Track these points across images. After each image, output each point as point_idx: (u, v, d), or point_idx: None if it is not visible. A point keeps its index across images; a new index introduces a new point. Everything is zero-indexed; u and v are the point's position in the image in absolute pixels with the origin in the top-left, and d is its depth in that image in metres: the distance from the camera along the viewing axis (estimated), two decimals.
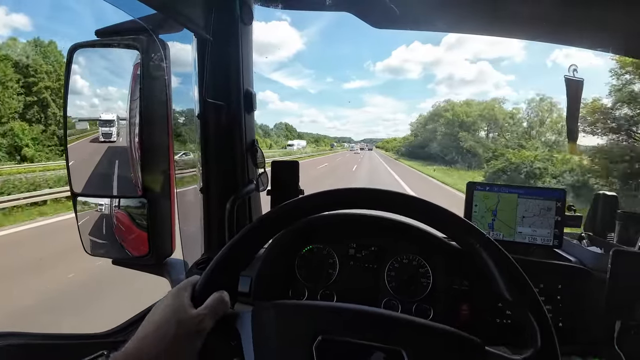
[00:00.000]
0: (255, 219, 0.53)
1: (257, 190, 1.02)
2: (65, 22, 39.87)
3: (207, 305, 0.46)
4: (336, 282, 0.88)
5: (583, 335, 0.80)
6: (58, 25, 40.19)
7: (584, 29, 1.06)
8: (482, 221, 0.91)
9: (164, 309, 0.46)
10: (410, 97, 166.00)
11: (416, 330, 0.46)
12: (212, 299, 0.47)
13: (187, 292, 0.48)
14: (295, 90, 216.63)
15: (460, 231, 0.51)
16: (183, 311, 0.45)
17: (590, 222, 0.99)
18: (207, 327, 0.45)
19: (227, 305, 0.48)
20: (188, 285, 0.49)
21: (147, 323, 0.45)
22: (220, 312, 0.47)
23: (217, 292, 0.48)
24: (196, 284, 0.49)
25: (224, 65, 0.92)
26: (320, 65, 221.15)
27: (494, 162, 17.47)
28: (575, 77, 1.00)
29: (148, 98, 0.85)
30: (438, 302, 0.82)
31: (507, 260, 0.49)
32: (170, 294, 0.48)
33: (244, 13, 0.92)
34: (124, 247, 0.98)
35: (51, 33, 38.62)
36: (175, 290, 0.48)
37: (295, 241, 0.89)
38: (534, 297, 0.48)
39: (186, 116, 1.01)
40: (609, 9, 0.94)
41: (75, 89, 0.98)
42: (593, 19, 1.00)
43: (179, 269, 0.99)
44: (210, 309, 0.46)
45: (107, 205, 0.97)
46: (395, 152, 52.57)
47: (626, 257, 0.76)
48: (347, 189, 0.52)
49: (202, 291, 0.48)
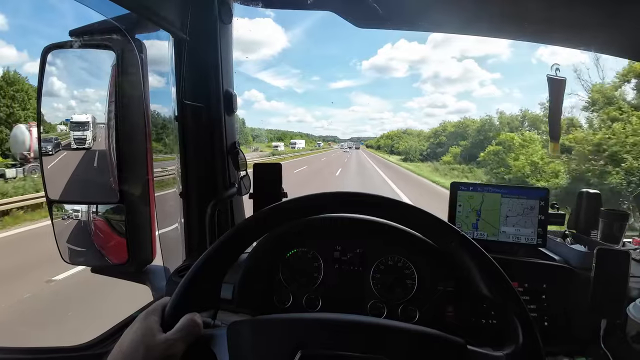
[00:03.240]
0: (231, 228, 0.51)
1: (240, 193, 1.00)
2: (42, 22, 38.92)
3: (177, 329, 0.45)
4: (321, 286, 0.86)
5: (569, 335, 0.80)
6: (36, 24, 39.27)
7: (566, 29, 1.07)
8: (466, 221, 0.90)
9: (132, 335, 0.44)
10: (397, 96, 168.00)
11: (397, 335, 0.45)
12: (182, 323, 0.45)
13: (156, 316, 0.46)
14: (282, 90, 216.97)
15: (436, 230, 0.51)
16: (151, 336, 0.44)
17: (574, 220, 0.99)
18: (178, 352, 0.44)
19: (199, 327, 0.46)
20: (158, 309, 0.47)
21: (116, 350, 0.44)
22: (192, 336, 0.45)
23: (188, 315, 0.46)
24: (166, 306, 0.47)
25: (203, 66, 0.90)
26: (307, 64, 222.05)
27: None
28: (557, 77, 1.01)
29: (124, 100, 0.82)
30: (424, 303, 0.82)
31: (483, 256, 0.49)
32: (139, 318, 0.47)
33: (222, 12, 0.89)
34: (104, 255, 0.95)
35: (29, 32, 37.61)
36: (144, 314, 0.47)
37: (278, 245, 0.87)
38: (513, 293, 0.47)
39: (166, 118, 0.98)
40: (590, 9, 0.94)
41: (52, 91, 0.95)
42: (575, 18, 1.00)
43: (160, 276, 0.96)
44: (180, 333, 0.44)
45: (85, 212, 0.94)
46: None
47: (610, 255, 0.76)
48: (321, 193, 0.52)
49: (172, 314, 0.46)
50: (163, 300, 0.48)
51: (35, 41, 34.74)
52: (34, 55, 25.69)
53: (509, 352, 0.45)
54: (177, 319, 0.46)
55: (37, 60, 0.86)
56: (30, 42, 33.88)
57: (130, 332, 0.45)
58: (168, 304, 0.47)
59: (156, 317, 0.46)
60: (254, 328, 0.47)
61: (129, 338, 0.44)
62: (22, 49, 32.68)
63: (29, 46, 32.68)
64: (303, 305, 0.84)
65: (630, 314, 0.74)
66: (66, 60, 0.97)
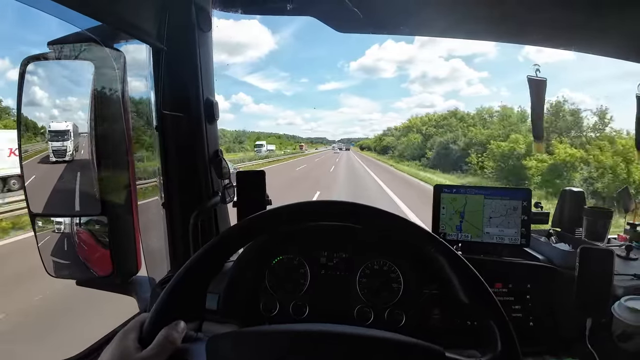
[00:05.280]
0: (215, 236, 0.51)
1: (224, 202, 0.99)
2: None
3: (154, 345, 0.44)
4: (308, 292, 0.86)
5: (554, 334, 0.80)
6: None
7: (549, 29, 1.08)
8: (450, 223, 0.90)
9: (110, 354, 0.44)
10: (385, 97, 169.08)
11: (379, 345, 0.45)
12: (158, 338, 0.45)
13: (133, 333, 0.46)
14: (271, 93, 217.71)
15: (414, 237, 0.51)
16: (128, 355, 0.43)
17: (558, 219, 0.99)
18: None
19: (176, 341, 0.45)
20: (136, 326, 0.47)
21: None
22: (168, 351, 0.44)
23: (164, 329, 0.45)
24: (144, 323, 0.47)
25: (182, 75, 0.89)
26: (295, 66, 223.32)
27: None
28: (538, 77, 1.01)
29: (104, 111, 0.81)
30: (410, 307, 0.81)
31: (460, 262, 0.49)
32: (116, 337, 0.46)
33: (201, 20, 0.89)
34: (89, 267, 0.94)
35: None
36: (122, 333, 0.46)
37: (263, 253, 0.87)
38: (489, 297, 0.47)
39: (147, 128, 0.97)
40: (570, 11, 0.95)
41: (34, 100, 0.93)
42: (557, 19, 1.01)
43: (146, 288, 0.95)
44: (157, 350, 0.44)
45: (68, 224, 0.93)
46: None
47: (593, 253, 0.76)
48: (299, 203, 0.52)
49: (150, 331, 0.46)
50: (141, 318, 0.48)
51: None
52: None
53: (487, 358, 0.45)
54: (157, 332, 0.45)
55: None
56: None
57: (108, 352, 0.45)
58: (147, 319, 0.47)
59: (134, 335, 0.45)
60: (234, 342, 0.46)
61: (106, 358, 0.44)
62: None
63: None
64: (290, 313, 0.83)
65: (615, 313, 0.74)
66: (47, 70, 0.96)
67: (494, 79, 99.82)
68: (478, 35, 1.13)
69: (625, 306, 0.73)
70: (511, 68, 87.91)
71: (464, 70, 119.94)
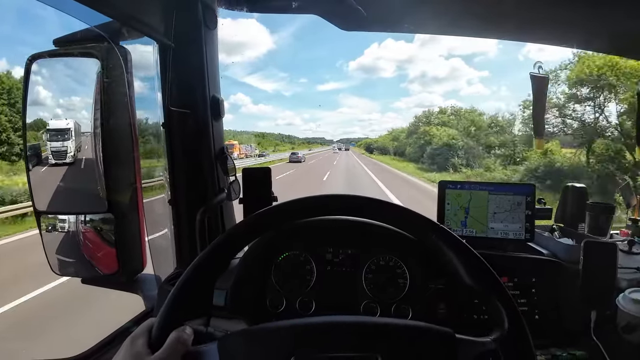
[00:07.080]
0: (222, 233, 0.51)
1: (229, 199, 0.99)
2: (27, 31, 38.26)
3: (165, 348, 0.44)
4: (314, 288, 0.86)
5: (560, 327, 0.81)
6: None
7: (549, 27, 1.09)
8: (454, 219, 0.91)
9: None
10: (384, 96, 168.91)
11: (388, 332, 0.46)
12: (169, 341, 0.45)
13: (142, 338, 0.46)
14: (270, 94, 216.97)
15: (415, 225, 0.52)
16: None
17: (561, 214, 1.00)
18: None
19: (187, 343, 0.46)
20: (144, 331, 0.47)
21: None
22: (180, 352, 0.45)
23: (175, 332, 0.45)
24: (152, 327, 0.47)
25: (188, 72, 0.89)
26: (294, 67, 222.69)
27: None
28: (540, 74, 1.02)
29: (110, 108, 0.81)
30: (416, 301, 0.82)
31: (463, 247, 0.49)
32: (125, 343, 0.46)
33: (207, 17, 0.89)
34: (94, 265, 0.94)
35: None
36: (130, 339, 0.46)
37: (269, 249, 0.87)
38: (495, 280, 0.48)
39: (153, 125, 0.97)
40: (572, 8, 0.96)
41: (38, 99, 0.93)
42: (557, 17, 1.02)
43: (151, 285, 0.95)
44: (169, 352, 0.44)
45: (73, 222, 0.92)
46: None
47: (597, 247, 0.77)
48: (303, 198, 0.53)
49: (159, 335, 0.46)
50: (148, 322, 0.48)
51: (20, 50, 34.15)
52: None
53: (495, 337, 0.45)
54: (167, 336, 0.45)
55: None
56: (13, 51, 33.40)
57: (118, 358, 0.44)
58: (155, 321, 0.47)
59: (142, 340, 0.45)
60: (245, 340, 0.46)
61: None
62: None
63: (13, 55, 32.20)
64: (296, 309, 0.84)
65: (620, 305, 0.75)
66: (51, 69, 0.96)
67: (495, 78, 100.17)
68: (482, 33, 1.14)
69: (630, 298, 0.74)
70: (512, 67, 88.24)
71: (464, 70, 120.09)
